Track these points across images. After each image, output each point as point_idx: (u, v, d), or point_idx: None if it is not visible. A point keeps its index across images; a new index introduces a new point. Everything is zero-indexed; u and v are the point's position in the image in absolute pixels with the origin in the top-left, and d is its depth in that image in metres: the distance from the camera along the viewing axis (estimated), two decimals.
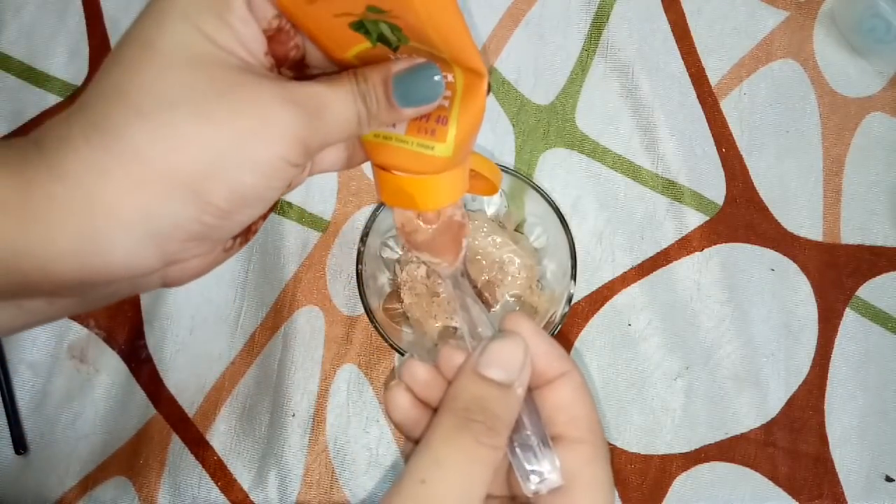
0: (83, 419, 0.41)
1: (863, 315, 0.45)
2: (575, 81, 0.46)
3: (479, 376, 0.23)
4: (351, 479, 0.42)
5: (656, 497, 0.42)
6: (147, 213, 0.18)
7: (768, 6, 0.47)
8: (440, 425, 0.23)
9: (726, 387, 0.43)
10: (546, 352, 0.25)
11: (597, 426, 0.25)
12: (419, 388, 0.25)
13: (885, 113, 0.47)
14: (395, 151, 0.23)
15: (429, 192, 0.24)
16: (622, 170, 0.45)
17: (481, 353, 0.24)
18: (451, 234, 0.27)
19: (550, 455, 0.23)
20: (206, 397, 0.42)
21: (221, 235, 0.21)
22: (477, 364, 0.23)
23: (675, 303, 0.44)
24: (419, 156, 0.23)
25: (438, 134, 0.22)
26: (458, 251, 0.27)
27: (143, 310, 0.43)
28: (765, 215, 0.45)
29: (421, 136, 0.23)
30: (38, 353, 0.42)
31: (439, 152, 0.23)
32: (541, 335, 0.25)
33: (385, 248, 0.42)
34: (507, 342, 0.24)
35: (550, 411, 0.24)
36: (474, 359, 0.24)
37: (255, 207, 0.21)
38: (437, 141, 0.22)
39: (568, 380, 0.25)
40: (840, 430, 0.43)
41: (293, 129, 0.20)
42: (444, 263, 0.27)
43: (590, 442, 0.24)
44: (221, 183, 0.19)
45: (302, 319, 0.43)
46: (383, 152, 0.24)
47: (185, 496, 0.41)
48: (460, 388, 0.23)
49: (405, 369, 0.25)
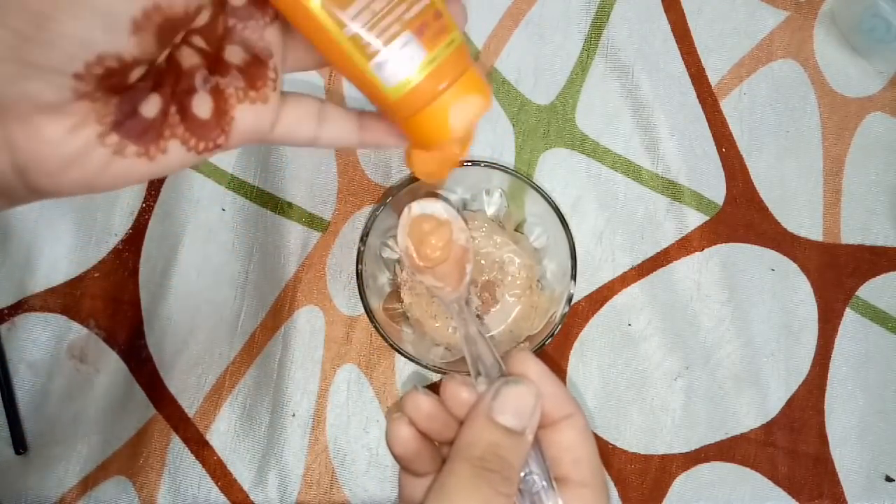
0: (83, 419, 0.41)
1: (863, 315, 0.45)
2: (575, 81, 0.46)
3: (492, 423, 0.23)
4: (351, 479, 0.42)
5: (656, 497, 0.42)
6: None
7: (768, 6, 0.47)
8: (456, 475, 0.22)
9: (726, 387, 0.43)
10: (553, 394, 0.25)
11: (599, 469, 0.25)
12: (422, 420, 0.25)
13: (885, 113, 0.47)
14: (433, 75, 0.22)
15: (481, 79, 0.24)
16: (622, 170, 0.45)
17: (494, 397, 0.23)
18: (455, 259, 0.27)
19: (555, 497, 0.24)
20: (206, 397, 0.42)
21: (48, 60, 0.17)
22: (491, 410, 0.23)
23: (675, 303, 0.44)
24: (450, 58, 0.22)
25: (449, 27, 0.22)
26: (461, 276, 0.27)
27: (143, 310, 0.43)
28: (765, 215, 0.45)
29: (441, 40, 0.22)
30: (38, 353, 0.42)
31: (458, 39, 0.23)
32: (549, 377, 0.25)
33: (385, 248, 0.42)
34: (520, 388, 0.24)
35: (555, 452, 0.24)
36: (486, 403, 0.23)
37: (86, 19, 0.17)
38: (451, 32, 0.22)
39: (573, 422, 0.25)
40: (840, 430, 0.43)
41: None
42: (448, 288, 0.27)
43: (592, 486, 0.24)
44: None
45: (302, 319, 0.43)
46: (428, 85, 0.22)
47: (185, 496, 0.41)
48: (475, 435, 0.23)
49: (409, 401, 0.25)
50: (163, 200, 0.44)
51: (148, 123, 0.19)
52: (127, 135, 0.19)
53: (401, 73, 0.22)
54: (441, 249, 0.27)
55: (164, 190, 0.44)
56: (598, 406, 0.43)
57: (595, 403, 0.43)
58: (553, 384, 0.25)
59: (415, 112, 0.23)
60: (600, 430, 0.43)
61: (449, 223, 0.26)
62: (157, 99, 0.20)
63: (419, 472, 0.26)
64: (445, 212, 0.32)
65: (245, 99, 0.22)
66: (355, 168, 0.44)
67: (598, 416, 0.43)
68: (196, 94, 0.21)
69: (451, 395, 0.25)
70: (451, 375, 0.26)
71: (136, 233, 0.43)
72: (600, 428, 0.43)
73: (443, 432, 0.25)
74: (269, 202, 0.44)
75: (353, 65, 0.22)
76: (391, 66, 0.22)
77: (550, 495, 0.24)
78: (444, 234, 0.26)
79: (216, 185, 0.44)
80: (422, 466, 0.25)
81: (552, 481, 0.24)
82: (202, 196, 0.44)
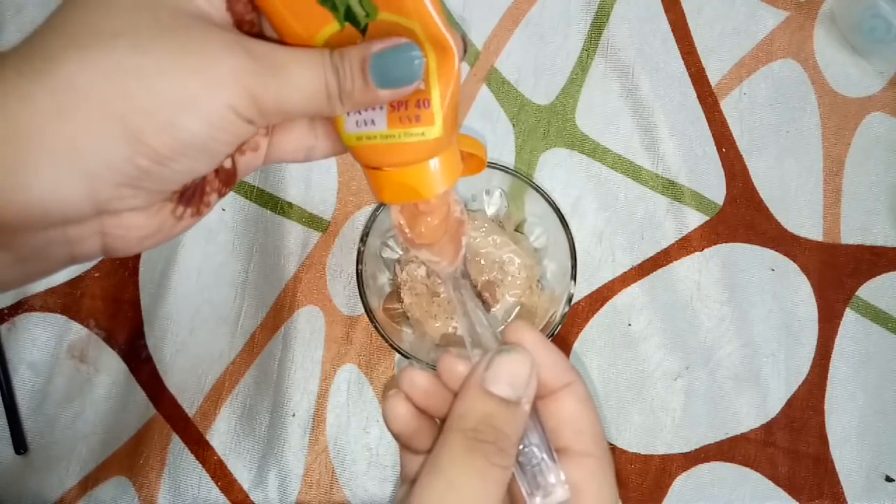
0: (83, 419, 0.41)
1: (863, 315, 0.45)
2: (575, 81, 0.46)
3: (486, 393, 0.23)
4: (351, 479, 0.42)
5: (656, 497, 0.42)
6: (74, 144, 0.17)
7: (768, 6, 0.47)
8: (449, 446, 0.22)
9: (726, 387, 0.43)
10: (551, 363, 0.24)
11: (601, 438, 0.24)
12: (418, 396, 0.24)
13: (885, 113, 0.47)
14: (384, 149, 0.23)
15: (429, 177, 0.24)
16: (622, 170, 0.45)
17: (487, 367, 0.23)
18: (451, 233, 0.26)
19: (556, 469, 0.23)
20: (206, 397, 0.42)
21: (160, 186, 0.20)
22: (483, 380, 0.23)
23: (675, 303, 0.44)
24: (410, 146, 0.22)
25: (424, 118, 0.22)
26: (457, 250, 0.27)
27: (143, 310, 0.43)
28: (765, 215, 0.45)
29: (406, 126, 0.22)
30: (38, 353, 0.42)
31: (431, 135, 0.22)
32: (545, 345, 0.24)
33: (385, 248, 0.42)
34: (512, 356, 0.23)
35: (555, 423, 0.24)
36: (479, 374, 0.23)
37: (196, 159, 0.19)
38: (425, 125, 0.22)
39: (572, 391, 0.24)
40: (840, 430, 0.43)
41: (241, 76, 0.18)
42: (444, 262, 0.27)
43: (595, 455, 0.24)
44: (158, 122, 0.18)
45: (302, 319, 0.43)
46: (373, 153, 0.23)
47: (185, 496, 0.41)
48: (467, 406, 0.23)
49: (404, 378, 0.25)
50: None
51: (196, 187, 0.22)
52: (185, 203, 0.22)
53: (357, 128, 0.23)
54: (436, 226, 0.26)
55: None
56: (598, 406, 0.43)
57: (595, 403, 0.43)
58: (550, 352, 0.24)
59: (360, 163, 0.24)
60: None
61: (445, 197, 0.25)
62: None
63: (418, 448, 0.25)
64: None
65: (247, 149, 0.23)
66: (355, 168, 0.44)
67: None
68: None
69: (448, 370, 0.24)
70: (447, 350, 0.25)
71: None
72: None
73: (440, 408, 0.25)
74: (269, 202, 0.44)
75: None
76: (354, 116, 0.22)
77: (551, 467, 0.23)
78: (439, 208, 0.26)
79: None
80: (420, 443, 0.25)
81: (553, 452, 0.23)
82: None
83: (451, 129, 0.23)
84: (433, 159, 0.23)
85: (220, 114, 0.19)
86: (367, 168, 0.24)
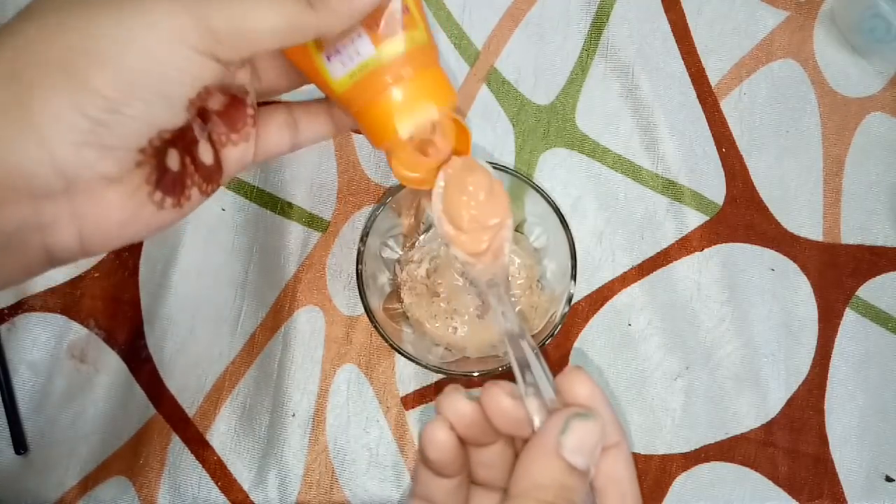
0: (83, 419, 0.41)
1: (863, 315, 0.45)
2: (575, 81, 0.46)
3: (564, 463, 0.21)
4: (351, 479, 0.42)
5: (656, 497, 0.42)
6: (21, 102, 0.17)
7: (768, 6, 0.47)
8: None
9: (726, 387, 0.43)
10: (608, 420, 0.23)
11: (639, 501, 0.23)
12: (461, 426, 0.23)
13: (885, 113, 0.47)
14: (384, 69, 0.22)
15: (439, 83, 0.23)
16: (622, 170, 0.45)
17: (564, 431, 0.22)
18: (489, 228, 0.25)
19: None
20: (206, 397, 0.42)
21: (121, 142, 0.19)
22: (562, 446, 0.21)
23: (675, 303, 0.44)
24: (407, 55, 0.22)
25: (407, 24, 0.22)
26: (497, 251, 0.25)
27: (143, 310, 0.43)
28: (765, 215, 0.45)
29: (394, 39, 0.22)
30: (38, 353, 0.42)
31: (419, 39, 0.22)
32: (604, 400, 0.23)
33: (385, 248, 0.42)
34: (589, 424, 0.22)
35: (602, 483, 0.23)
36: (555, 437, 0.21)
37: (151, 103, 0.19)
38: (410, 30, 0.22)
39: (622, 452, 0.23)
40: (840, 430, 0.43)
41: (189, 4, 0.18)
42: (480, 265, 0.26)
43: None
44: (102, 64, 0.17)
45: (302, 319, 0.43)
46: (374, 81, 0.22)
47: (185, 496, 0.41)
48: (545, 475, 0.21)
49: (448, 403, 0.23)
50: None
51: (176, 175, 0.21)
52: (165, 190, 0.21)
53: (346, 68, 0.22)
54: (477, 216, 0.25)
55: None
56: None
57: None
58: (607, 409, 0.23)
59: (360, 108, 0.23)
60: None
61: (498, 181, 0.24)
62: (174, 152, 0.21)
63: (445, 474, 0.25)
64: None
65: (229, 142, 0.23)
66: (355, 168, 0.44)
67: None
68: (199, 143, 0.22)
69: (494, 404, 0.23)
70: (495, 382, 0.24)
71: None
72: None
73: (479, 438, 0.24)
74: (269, 202, 0.44)
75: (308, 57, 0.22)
76: (338, 59, 0.22)
77: None
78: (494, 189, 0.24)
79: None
80: (448, 470, 0.24)
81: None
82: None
83: (430, 34, 0.23)
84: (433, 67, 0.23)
85: (168, 48, 0.18)
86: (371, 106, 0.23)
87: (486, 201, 0.25)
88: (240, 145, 0.24)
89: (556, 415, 0.22)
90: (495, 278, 0.26)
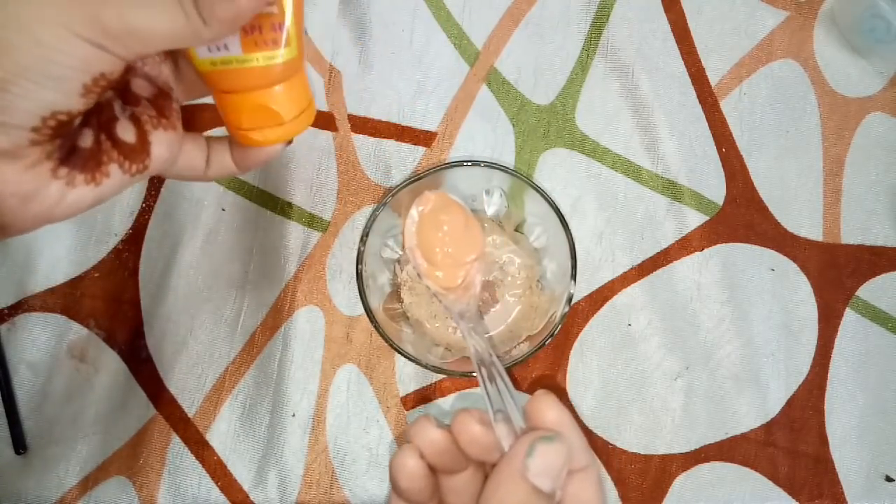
0: (83, 419, 0.41)
1: (863, 315, 0.45)
2: (575, 81, 0.46)
3: (528, 485, 0.22)
4: (351, 479, 0.42)
5: (656, 497, 0.42)
6: None
7: (768, 6, 0.47)
8: None
9: (726, 387, 0.43)
10: (577, 444, 0.23)
11: None
12: (432, 454, 0.24)
13: (885, 113, 0.47)
14: (241, 73, 0.23)
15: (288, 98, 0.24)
16: (622, 170, 0.45)
17: (529, 454, 0.22)
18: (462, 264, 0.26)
19: None
20: (206, 397, 0.42)
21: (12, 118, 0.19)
22: (526, 468, 0.22)
23: (675, 303, 0.44)
24: (268, 69, 0.23)
25: (280, 41, 0.23)
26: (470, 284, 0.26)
27: (143, 310, 0.43)
28: (765, 215, 0.45)
29: (263, 49, 0.23)
30: (38, 353, 0.42)
31: (288, 56, 0.23)
32: (575, 427, 0.24)
33: (385, 248, 0.42)
34: (554, 447, 0.22)
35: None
36: (520, 460, 0.22)
37: (42, 85, 0.19)
38: (281, 47, 0.23)
39: (588, 475, 0.24)
40: (840, 430, 0.43)
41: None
42: (452, 296, 0.26)
43: None
44: None
45: (302, 319, 0.43)
46: (229, 77, 0.23)
47: (185, 496, 0.41)
48: (512, 497, 0.22)
49: (419, 431, 0.24)
50: (163, 200, 0.44)
51: (88, 153, 0.22)
52: (74, 166, 0.21)
53: (210, 53, 0.23)
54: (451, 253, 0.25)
55: (164, 190, 0.44)
56: (598, 406, 0.43)
57: (595, 403, 0.43)
58: (575, 433, 0.24)
59: (215, 92, 0.24)
60: (600, 429, 0.43)
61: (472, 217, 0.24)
62: (88, 131, 0.22)
63: (415, 501, 0.25)
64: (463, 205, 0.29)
65: (159, 126, 0.24)
66: (355, 168, 0.44)
67: (598, 416, 0.43)
68: (118, 121, 0.23)
69: (464, 430, 0.23)
70: (466, 410, 0.24)
71: (136, 233, 0.43)
72: (600, 428, 0.43)
73: (449, 466, 0.24)
74: (269, 202, 0.44)
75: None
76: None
77: None
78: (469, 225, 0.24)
79: (216, 186, 0.44)
80: (419, 497, 0.24)
81: None
82: (202, 196, 0.44)
83: (302, 51, 0.24)
84: (290, 80, 0.24)
85: (53, 32, 0.18)
86: (223, 93, 0.24)
87: (462, 238, 0.26)
88: (168, 131, 0.24)
89: (522, 438, 0.22)
90: (467, 310, 0.26)
